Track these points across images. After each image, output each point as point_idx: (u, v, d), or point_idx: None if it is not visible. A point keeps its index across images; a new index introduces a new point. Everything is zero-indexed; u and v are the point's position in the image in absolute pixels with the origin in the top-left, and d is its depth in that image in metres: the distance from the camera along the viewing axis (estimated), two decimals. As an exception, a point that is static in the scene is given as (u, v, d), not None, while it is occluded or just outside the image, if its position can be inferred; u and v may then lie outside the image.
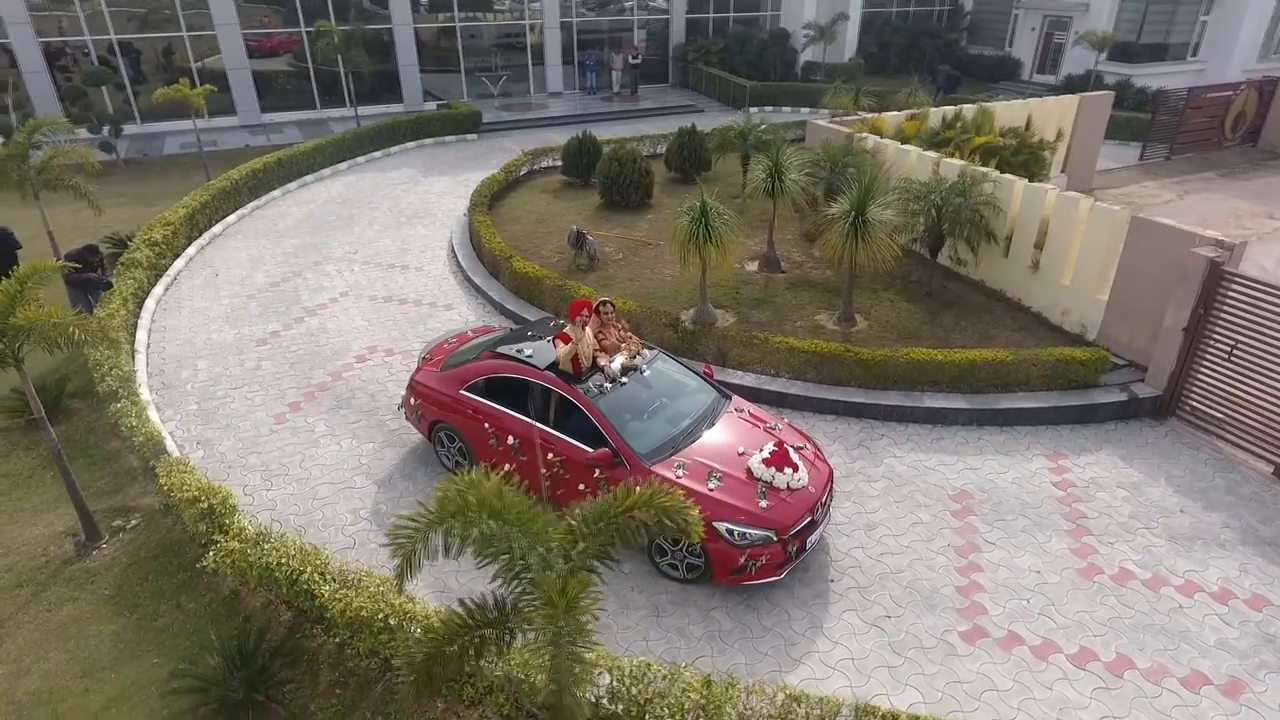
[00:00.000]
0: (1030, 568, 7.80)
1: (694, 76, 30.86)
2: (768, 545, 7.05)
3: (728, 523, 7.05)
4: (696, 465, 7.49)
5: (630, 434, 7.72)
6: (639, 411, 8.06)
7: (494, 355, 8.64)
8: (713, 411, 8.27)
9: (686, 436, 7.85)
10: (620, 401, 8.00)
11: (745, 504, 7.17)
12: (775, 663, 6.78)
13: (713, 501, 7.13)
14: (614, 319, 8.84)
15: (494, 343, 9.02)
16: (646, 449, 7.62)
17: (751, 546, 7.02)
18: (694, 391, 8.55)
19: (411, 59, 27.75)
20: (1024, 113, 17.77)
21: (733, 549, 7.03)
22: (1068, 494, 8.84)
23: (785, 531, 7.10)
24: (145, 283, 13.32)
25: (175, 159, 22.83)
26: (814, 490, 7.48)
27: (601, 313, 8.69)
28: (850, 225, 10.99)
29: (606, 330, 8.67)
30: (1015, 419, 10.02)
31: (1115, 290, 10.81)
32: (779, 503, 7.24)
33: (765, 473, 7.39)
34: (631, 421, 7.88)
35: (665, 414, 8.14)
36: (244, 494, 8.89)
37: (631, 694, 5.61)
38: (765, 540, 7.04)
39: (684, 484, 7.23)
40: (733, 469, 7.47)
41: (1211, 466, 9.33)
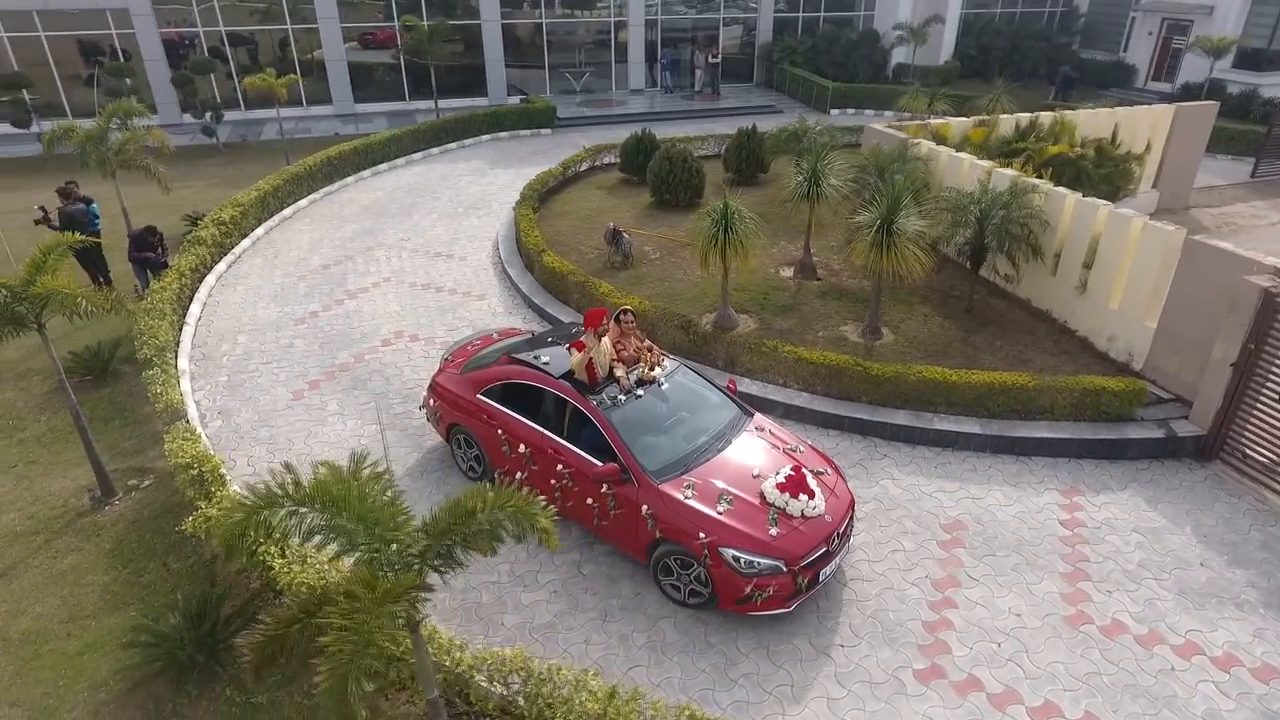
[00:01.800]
0: (1010, 609, 7.27)
1: (778, 77, 30.33)
2: (776, 575, 6.68)
3: (734, 549, 6.71)
4: (707, 486, 7.16)
5: (641, 449, 7.43)
6: (653, 426, 7.76)
7: (511, 360, 8.50)
8: (731, 429, 7.91)
9: (700, 455, 7.52)
10: (633, 415, 7.72)
11: (754, 530, 6.82)
12: (710, 680, 6.59)
13: (720, 526, 6.83)
14: (634, 329, 8.53)
15: (514, 347, 8.93)
16: (656, 466, 7.33)
17: (759, 576, 6.67)
18: (713, 407, 8.21)
19: (498, 54, 28.44)
20: (1109, 122, 16.58)
21: (738, 577, 6.69)
22: (1074, 533, 8.19)
23: (795, 562, 6.72)
24: (208, 259, 14.20)
25: (270, 144, 24.17)
26: (830, 520, 7.06)
27: (621, 322, 8.40)
28: (878, 235, 10.56)
29: (626, 340, 8.36)
30: (1033, 449, 9.37)
31: (1165, 317, 9.94)
32: (791, 531, 6.86)
33: (779, 498, 7.03)
34: (644, 436, 7.59)
35: (681, 430, 7.84)
36: (247, 465, 9.36)
37: (538, 695, 5.57)
38: (774, 570, 6.68)
39: (692, 505, 6.98)
40: (745, 492, 7.12)
41: (1251, 518, 8.45)
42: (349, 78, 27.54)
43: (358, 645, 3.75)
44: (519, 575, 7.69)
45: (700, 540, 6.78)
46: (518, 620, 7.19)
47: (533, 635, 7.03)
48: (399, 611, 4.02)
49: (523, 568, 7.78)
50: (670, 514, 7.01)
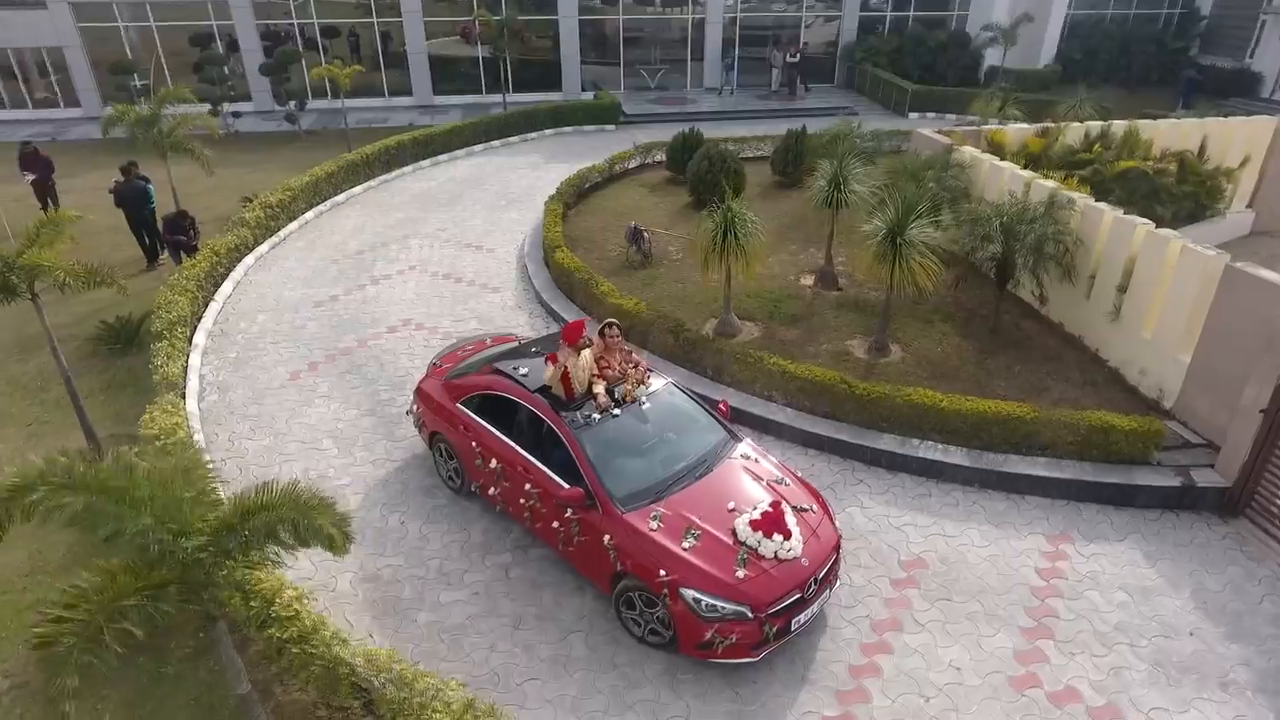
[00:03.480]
0: (951, 662, 6.64)
1: (860, 78, 29.21)
2: (740, 622, 6.13)
3: (695, 590, 6.18)
4: (676, 518, 6.63)
5: (611, 473, 6.97)
6: (628, 448, 7.32)
7: (491, 370, 8.15)
8: (714, 456, 7.38)
9: (676, 482, 7.01)
10: (607, 435, 7.26)
11: (719, 571, 6.26)
12: (605, 703, 6.31)
13: (683, 564, 6.30)
14: (619, 343, 8.01)
15: (498, 356, 8.54)
16: (625, 492, 6.85)
17: (721, 621, 6.12)
18: (699, 431, 7.69)
19: (574, 50, 28.61)
20: (1197, 134, 15.14)
21: (699, 621, 6.15)
22: (1048, 585, 7.42)
23: (763, 609, 6.16)
24: (250, 240, 14.84)
25: (349, 132, 25.04)
26: (807, 564, 6.45)
27: (606, 336, 7.92)
28: (886, 245, 9.94)
29: (610, 355, 7.88)
30: (1027, 487, 8.56)
31: (1199, 352, 8.89)
32: (760, 575, 6.28)
33: (751, 536, 6.46)
34: (617, 459, 7.14)
35: (659, 454, 7.36)
36: (228, 440, 9.68)
37: (394, 700, 5.45)
38: (738, 616, 6.12)
39: (655, 538, 6.47)
40: (716, 527, 6.57)
41: (1267, 586, 7.43)
42: (429, 70, 28.31)
43: (81, 636, 3.71)
44: (446, 572, 7.61)
45: (660, 578, 6.26)
46: (431, 619, 7.10)
47: (440, 636, 6.93)
48: (134, 606, 3.95)
49: (452, 565, 7.70)
50: (632, 546, 6.53)
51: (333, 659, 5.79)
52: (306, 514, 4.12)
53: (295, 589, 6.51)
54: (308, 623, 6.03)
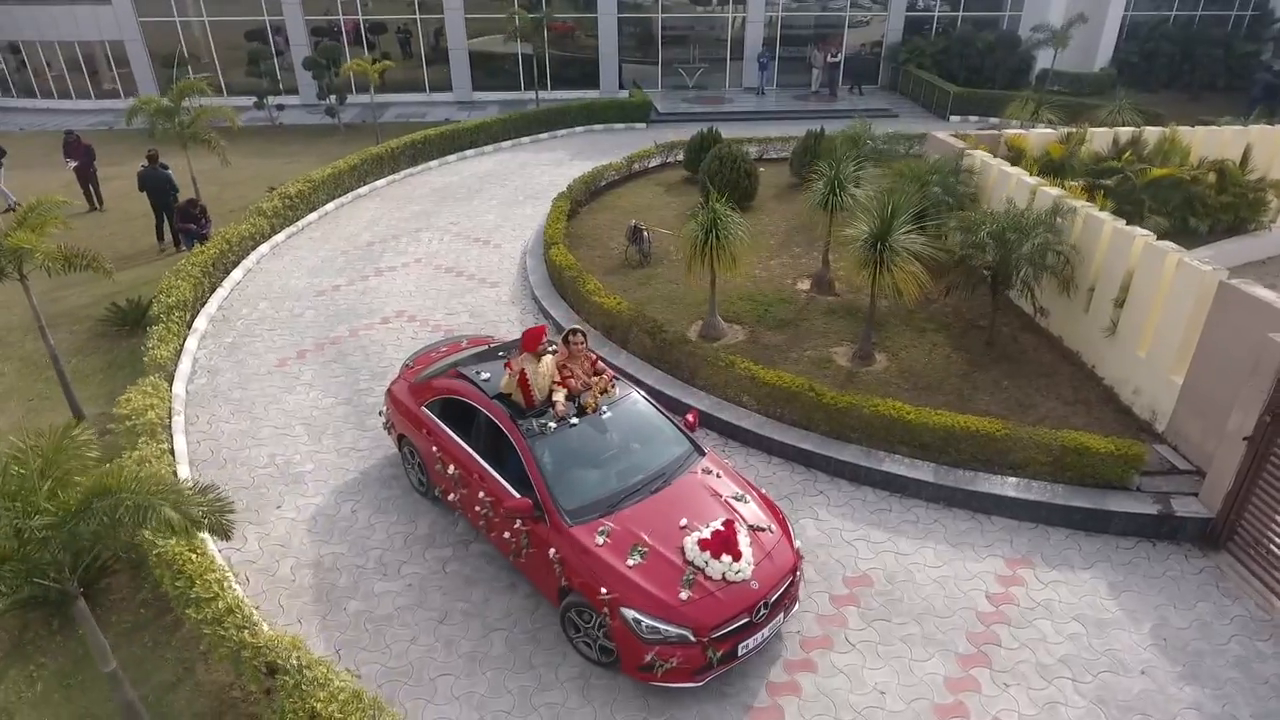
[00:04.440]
0: (877, 685, 6.38)
1: (903, 80, 28.48)
2: (682, 645, 5.89)
3: (636, 611, 5.96)
4: (625, 533, 6.41)
5: (562, 485, 6.79)
6: (584, 459, 7.12)
7: (455, 374, 7.99)
8: (674, 469, 7.13)
9: (630, 496, 6.79)
10: (563, 445, 7.07)
11: (662, 592, 6.03)
12: (512, 703, 6.26)
13: (624, 582, 6.09)
14: (584, 351, 7.76)
15: (465, 360, 8.39)
16: (575, 505, 6.65)
17: (662, 644, 5.90)
18: (660, 443, 7.44)
19: (612, 48, 28.64)
20: (1239, 142, 14.33)
21: (639, 642, 5.94)
22: (997, 610, 7.06)
23: (705, 633, 5.91)
24: (267, 229, 15.24)
25: (386, 126, 25.60)
26: (757, 587, 6.17)
27: (570, 343, 7.69)
28: (871, 251, 9.65)
29: (573, 363, 7.66)
30: (993, 507, 8.18)
31: (1192, 373, 8.36)
32: (705, 597, 6.04)
33: (698, 556, 6.21)
34: (572, 470, 6.97)
35: (615, 466, 7.17)
36: (207, 423, 9.94)
37: (284, 685, 5.49)
38: (680, 639, 5.89)
39: (599, 554, 6.26)
40: (665, 545, 6.33)
41: (1239, 626, 6.93)
42: (469, 67, 28.69)
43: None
44: (385, 563, 7.66)
45: (601, 595, 6.09)
46: (361, 608, 7.16)
47: (366, 626, 6.97)
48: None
49: (393, 556, 7.75)
50: (576, 561, 6.34)
51: (239, 642, 5.88)
52: (148, 500, 4.16)
53: (220, 570, 6.64)
54: (220, 605, 6.14)
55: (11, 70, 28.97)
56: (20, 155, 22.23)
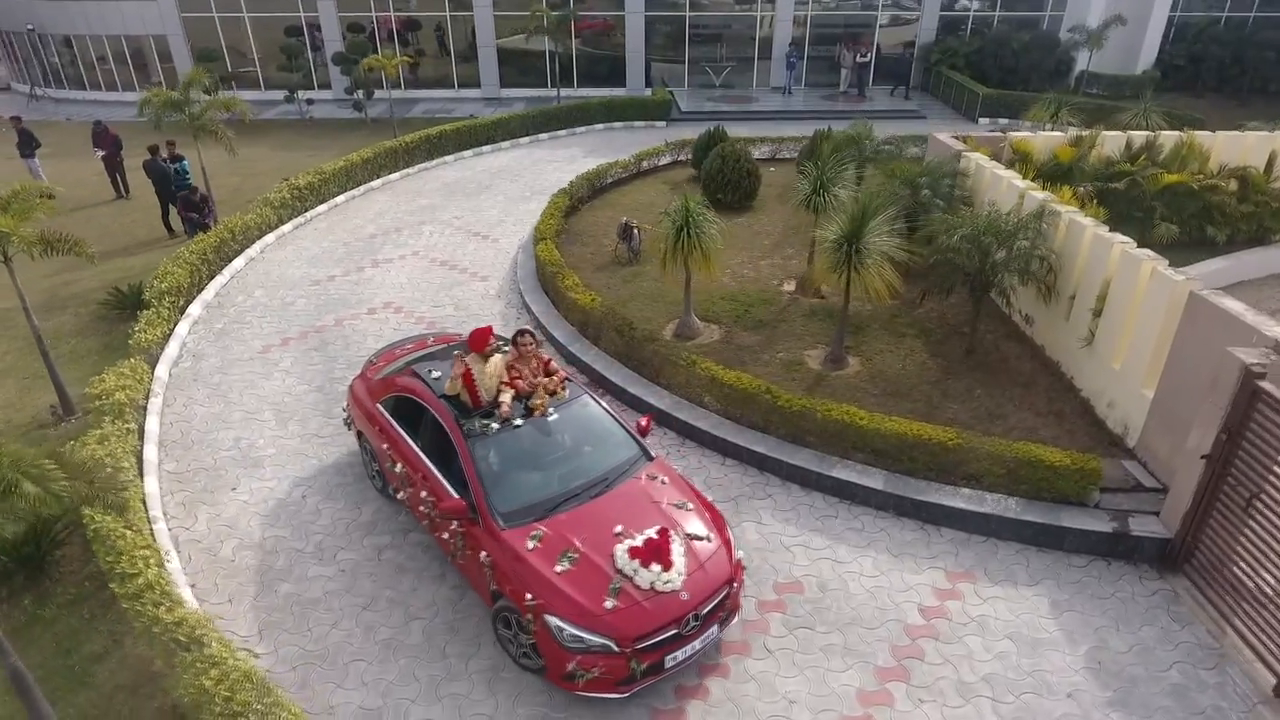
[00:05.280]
0: (788, 694, 6.25)
1: (934, 80, 27.85)
2: (606, 655, 5.79)
3: (559, 618, 5.86)
4: (557, 538, 6.33)
5: (500, 487, 6.73)
6: (525, 462, 7.06)
7: (409, 372, 7.97)
8: (618, 474, 7.03)
9: (568, 500, 6.70)
10: (504, 447, 7.02)
11: (586, 600, 5.92)
12: (418, 691, 6.30)
13: (549, 589, 5.99)
14: (534, 352, 7.68)
15: (421, 358, 8.36)
16: (510, 508, 6.57)
17: (585, 653, 5.81)
18: (607, 447, 7.34)
19: (639, 46, 28.61)
20: (1263, 148, 13.72)
21: (562, 651, 5.86)
22: (928, 624, 6.86)
23: (629, 643, 5.80)
24: (273, 219, 15.61)
25: (413, 121, 26.01)
26: (688, 598, 6.02)
27: (519, 344, 7.62)
28: (842, 253, 9.48)
29: (521, 364, 7.60)
30: (943, 518, 7.94)
31: (1162, 387, 8.00)
32: (631, 606, 5.91)
33: (628, 565, 6.09)
34: (513, 473, 6.91)
35: (558, 470, 7.08)
36: (183, 406, 10.22)
37: (186, 661, 5.61)
38: (604, 649, 5.79)
39: (527, 559, 6.17)
40: (596, 552, 6.22)
41: (1184, 653, 6.61)
42: (497, 63, 28.96)
43: None
44: (324, 548, 7.78)
45: (527, 601, 5.98)
46: (291, 591, 7.28)
47: (292, 608, 7.09)
48: None
49: (332, 541, 7.86)
50: (505, 565, 6.27)
51: (152, 618, 6.03)
52: (12, 475, 4.28)
53: (154, 548, 6.82)
54: (140, 581, 6.30)
55: (65, 63, 30.22)
56: (64, 144, 23.24)
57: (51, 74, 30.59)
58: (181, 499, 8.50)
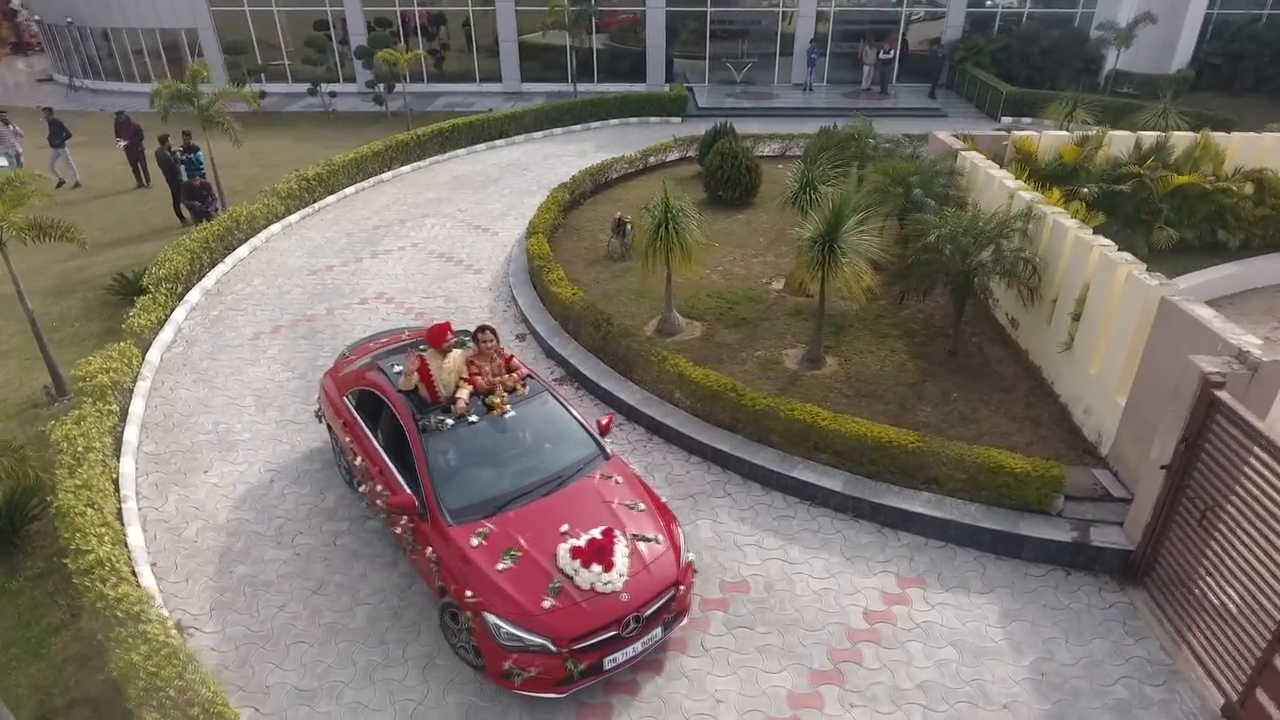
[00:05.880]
0: (717, 693, 6.21)
1: (959, 78, 27.33)
2: (542, 655, 5.78)
3: (497, 616, 5.85)
4: (502, 536, 6.31)
5: (451, 483, 6.74)
6: (479, 459, 7.04)
7: (374, 366, 7.98)
8: (572, 473, 7.00)
9: (519, 498, 6.68)
10: (457, 443, 7.03)
11: (525, 599, 5.91)
12: (353, 675, 6.39)
13: (489, 586, 5.99)
14: (494, 348, 7.67)
15: (390, 352, 8.36)
16: (459, 504, 6.58)
17: (521, 652, 5.80)
18: (563, 445, 7.31)
19: (659, 41, 28.56)
20: (1280, 150, 13.12)
21: (499, 649, 5.84)
22: (871, 629, 6.76)
23: (566, 644, 5.78)
24: (280, 209, 15.90)
25: (431, 115, 26.24)
26: (628, 599, 5.98)
27: (480, 340, 7.61)
28: (819, 253, 9.38)
29: (482, 360, 7.58)
30: (900, 521, 7.82)
31: (1134, 395, 7.78)
32: (569, 606, 5.90)
33: (569, 564, 6.08)
34: (464, 469, 6.92)
35: (511, 467, 7.04)
36: (169, 389, 10.47)
37: (121, 636, 5.77)
38: (540, 648, 5.78)
39: (471, 556, 6.17)
40: (539, 551, 6.21)
41: (1134, 668, 6.42)
42: (518, 58, 29.12)
43: None
44: (284, 531, 7.92)
45: (468, 598, 6.00)
46: (247, 573, 7.43)
47: (244, 589, 7.24)
48: None
49: (293, 525, 8.00)
50: (449, 561, 6.28)
51: (98, 594, 6.20)
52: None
53: (108, 525, 7.01)
54: (91, 558, 6.48)
55: (102, 55, 31.11)
56: (97, 134, 23.85)
57: (89, 66, 31.52)
58: (155, 480, 8.72)
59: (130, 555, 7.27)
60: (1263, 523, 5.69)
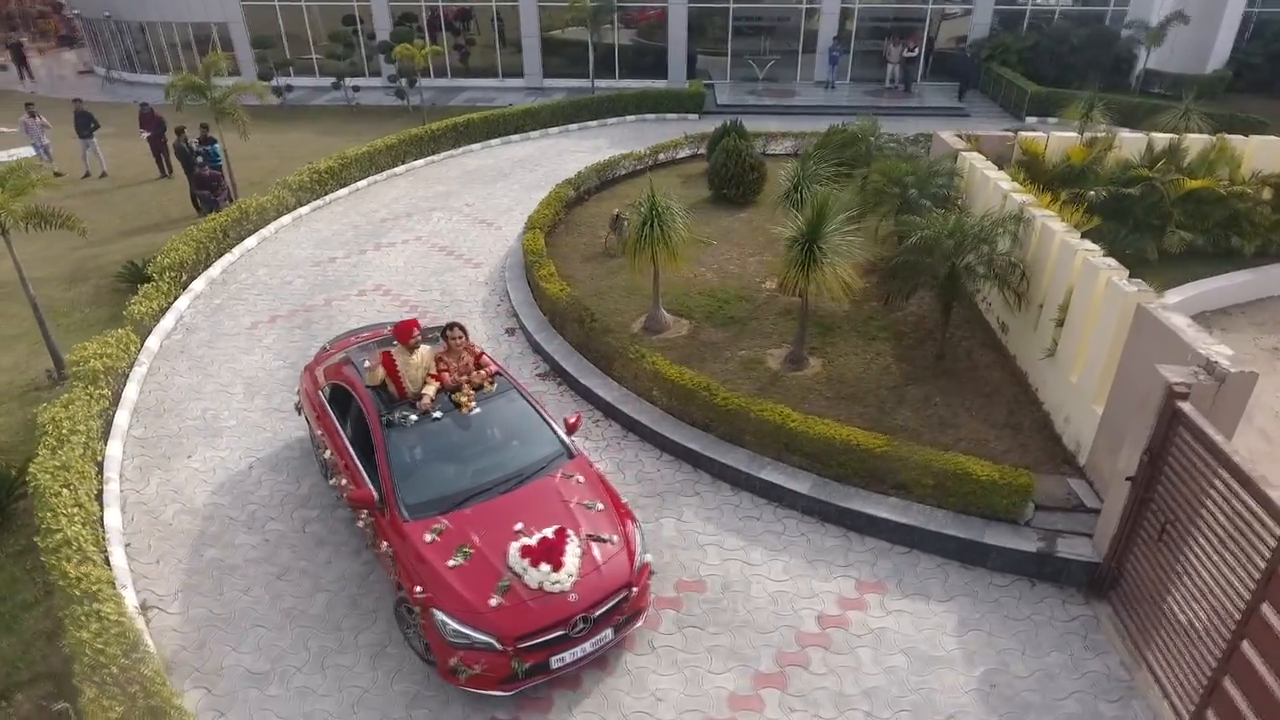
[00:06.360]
0: (657, 691, 6.22)
1: (984, 77, 26.81)
2: (488, 652, 5.81)
3: (444, 613, 5.89)
4: (456, 532, 6.34)
5: (411, 479, 6.79)
6: (441, 455, 7.10)
7: (348, 361, 8.05)
8: (534, 471, 6.99)
9: (478, 495, 6.70)
10: (420, 439, 7.08)
11: (472, 596, 5.94)
12: (305, 660, 6.50)
13: (439, 582, 6.03)
14: (463, 345, 7.74)
15: (359, 348, 8.39)
16: (417, 500, 6.62)
17: (467, 649, 5.83)
18: (527, 443, 7.31)
19: (681, 37, 28.44)
20: (1301, 154, 12.69)
21: (445, 645, 5.89)
22: (823, 633, 6.71)
23: (511, 642, 5.80)
24: (291, 202, 16.19)
25: (452, 109, 26.48)
26: (576, 599, 6.00)
27: (448, 337, 7.69)
28: (800, 253, 9.31)
29: (451, 357, 7.64)
30: (866, 526, 7.73)
31: (1110, 404, 7.59)
32: (516, 605, 5.91)
33: (518, 563, 6.10)
34: (425, 465, 6.99)
35: (472, 464, 7.07)
36: (164, 375, 10.73)
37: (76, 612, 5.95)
38: (486, 646, 5.81)
39: (423, 552, 6.21)
40: (491, 549, 6.22)
41: (1089, 683, 6.29)
42: (540, 53, 29.23)
43: None
44: (256, 517, 8.09)
45: (418, 594, 6.05)
46: (216, 556, 7.60)
47: (212, 573, 7.40)
48: None
49: (266, 511, 8.17)
50: (403, 556, 6.33)
51: (61, 572, 6.40)
52: None
53: (81, 506, 7.21)
54: (59, 537, 6.68)
55: (139, 49, 31.88)
56: (128, 125, 24.48)
57: (126, 59, 32.32)
58: (140, 463, 8.95)
59: (104, 536, 7.50)
60: (1218, 540, 5.53)
